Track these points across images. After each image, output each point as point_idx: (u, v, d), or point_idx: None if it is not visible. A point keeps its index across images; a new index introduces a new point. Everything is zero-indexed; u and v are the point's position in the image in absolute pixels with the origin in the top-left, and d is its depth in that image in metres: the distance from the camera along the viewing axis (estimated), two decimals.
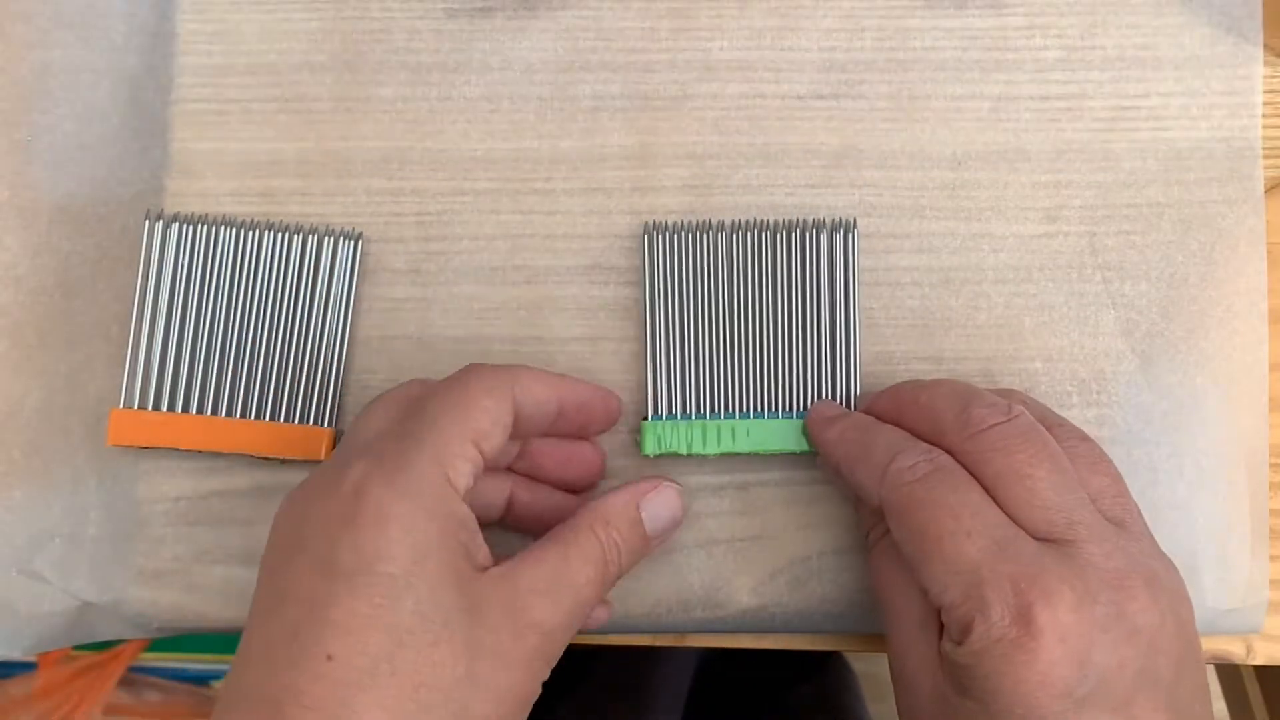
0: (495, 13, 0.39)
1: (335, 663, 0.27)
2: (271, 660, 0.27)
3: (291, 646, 0.27)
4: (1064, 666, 0.27)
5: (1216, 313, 0.37)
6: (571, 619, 0.30)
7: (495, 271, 0.38)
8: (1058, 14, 0.39)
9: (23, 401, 0.38)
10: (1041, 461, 0.30)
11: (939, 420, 0.32)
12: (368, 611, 0.27)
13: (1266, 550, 0.37)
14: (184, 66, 0.39)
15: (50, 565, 0.37)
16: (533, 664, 0.29)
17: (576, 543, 0.31)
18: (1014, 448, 0.30)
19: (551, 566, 0.30)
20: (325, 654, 0.27)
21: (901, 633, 0.32)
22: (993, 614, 0.27)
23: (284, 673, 0.27)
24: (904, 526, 0.30)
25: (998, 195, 0.38)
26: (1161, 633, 0.28)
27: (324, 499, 0.29)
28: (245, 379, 0.37)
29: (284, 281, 0.38)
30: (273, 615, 0.28)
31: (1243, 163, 0.38)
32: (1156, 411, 0.37)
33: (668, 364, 0.37)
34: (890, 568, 0.32)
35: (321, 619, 0.27)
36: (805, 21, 0.39)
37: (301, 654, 0.27)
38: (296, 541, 0.29)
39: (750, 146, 0.38)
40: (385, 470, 0.29)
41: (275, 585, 0.29)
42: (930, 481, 0.30)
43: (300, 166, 0.39)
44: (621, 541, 0.32)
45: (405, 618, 0.27)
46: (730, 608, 0.37)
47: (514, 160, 0.39)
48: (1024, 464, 0.30)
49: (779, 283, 0.37)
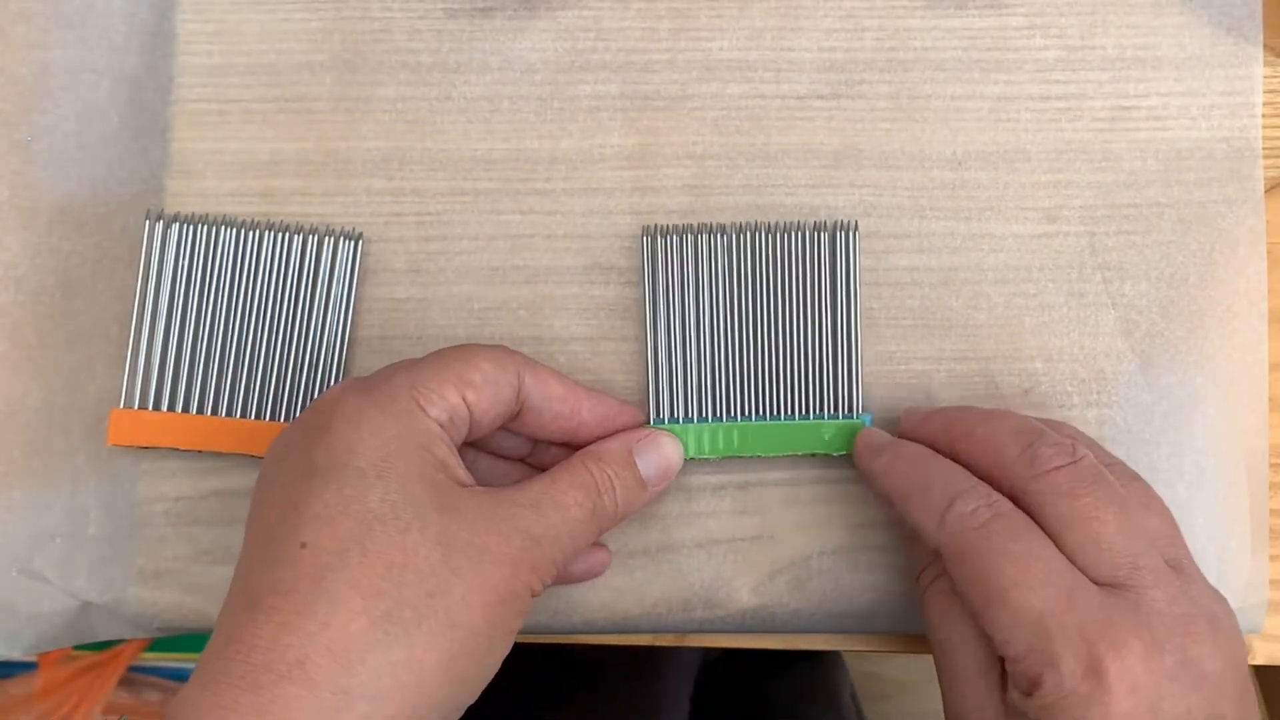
0: (495, 13, 0.39)
1: (308, 549, 0.28)
2: (253, 561, 0.29)
3: (270, 546, 0.28)
4: (1136, 718, 0.27)
5: (1216, 313, 0.37)
6: (560, 535, 0.30)
7: (495, 271, 0.38)
8: (1058, 14, 0.39)
9: (23, 401, 0.38)
10: (1108, 506, 0.29)
11: (1000, 456, 0.31)
12: (337, 501, 0.28)
13: (1266, 550, 0.37)
14: (184, 66, 0.39)
15: (50, 565, 0.37)
16: (518, 566, 0.29)
17: (567, 470, 0.32)
18: (1080, 491, 0.30)
19: (540, 487, 0.31)
20: (299, 543, 0.28)
21: (960, 679, 0.31)
22: (1063, 667, 0.27)
23: (263, 569, 0.28)
24: (967, 574, 0.30)
25: (998, 195, 0.38)
26: (1225, 676, 0.28)
27: (306, 415, 0.31)
28: (245, 379, 0.37)
29: (284, 282, 0.38)
30: (256, 524, 0.30)
31: (1243, 163, 0.38)
32: (1157, 411, 0.37)
33: (669, 368, 0.37)
34: (947, 611, 0.32)
35: (296, 514, 0.28)
36: (805, 21, 0.39)
37: (279, 548, 0.28)
38: (280, 456, 0.30)
39: (750, 146, 0.38)
40: (360, 385, 0.31)
41: (260, 499, 0.30)
42: (993, 528, 0.29)
43: (300, 166, 0.39)
44: (615, 477, 0.32)
45: (374, 505, 0.28)
46: (730, 608, 0.37)
47: (514, 160, 0.39)
48: (1090, 508, 0.29)
49: (780, 285, 0.37)
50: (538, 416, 0.33)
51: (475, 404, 0.31)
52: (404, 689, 0.27)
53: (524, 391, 0.33)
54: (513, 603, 0.29)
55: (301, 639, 0.26)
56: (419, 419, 0.30)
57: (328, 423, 0.30)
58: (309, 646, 0.26)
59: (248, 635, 0.27)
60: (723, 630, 0.38)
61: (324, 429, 0.30)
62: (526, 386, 0.33)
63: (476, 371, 0.31)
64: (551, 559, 0.30)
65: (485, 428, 0.32)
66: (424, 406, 0.30)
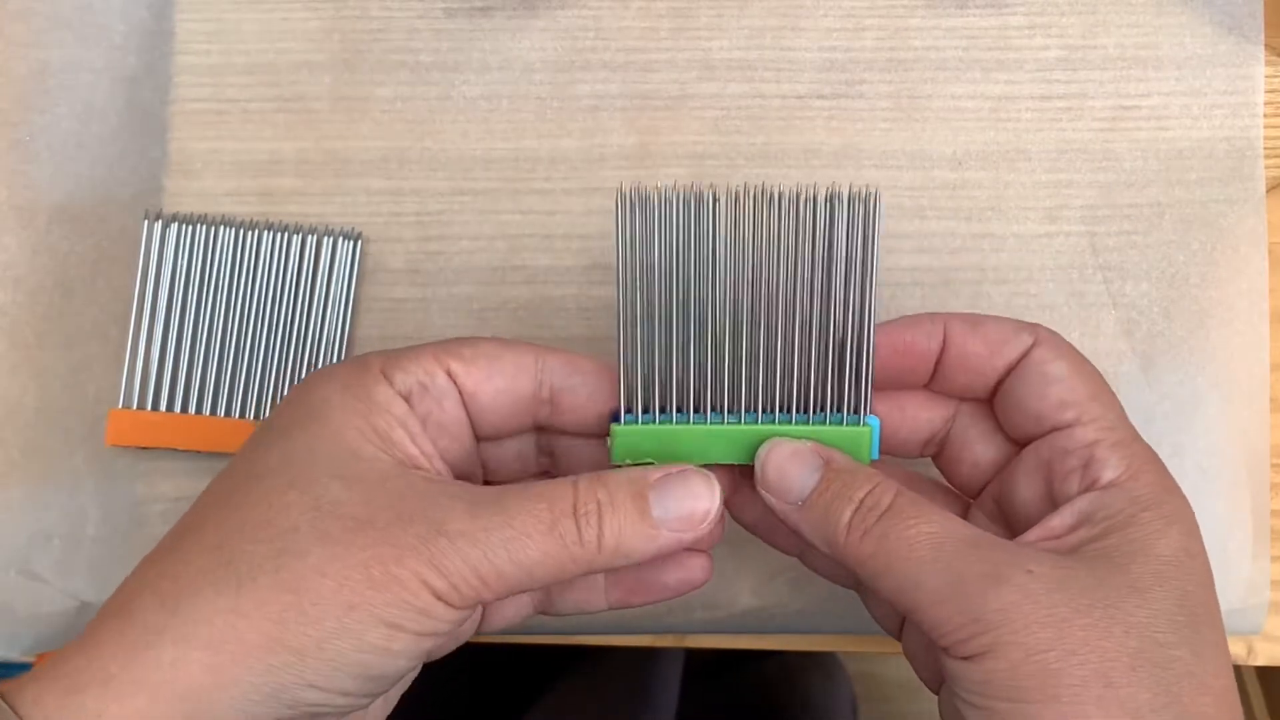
0: (495, 12, 0.39)
1: (197, 502, 0.27)
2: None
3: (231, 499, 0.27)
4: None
5: (1217, 313, 0.37)
6: (490, 541, 0.26)
7: (495, 271, 0.38)
8: (1059, 13, 0.39)
9: (21, 401, 0.38)
10: None
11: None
12: (240, 456, 0.28)
13: (1267, 550, 0.37)
14: (182, 66, 0.39)
15: (49, 565, 0.37)
16: (406, 552, 0.25)
17: (552, 480, 0.27)
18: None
19: (505, 488, 0.27)
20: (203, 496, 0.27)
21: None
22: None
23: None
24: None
25: (998, 195, 0.38)
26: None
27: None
28: (245, 379, 0.37)
29: (283, 282, 0.38)
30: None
31: (1244, 163, 0.38)
32: (1157, 412, 0.37)
33: (646, 355, 0.29)
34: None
35: (244, 466, 0.28)
36: (805, 21, 0.39)
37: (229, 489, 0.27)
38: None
39: (750, 146, 0.38)
40: (344, 362, 0.30)
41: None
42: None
43: (299, 166, 0.39)
44: (606, 504, 0.27)
45: (271, 461, 0.27)
46: (730, 608, 0.37)
47: (513, 160, 0.39)
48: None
49: (783, 261, 0.29)
50: (574, 396, 0.29)
51: (466, 376, 0.29)
52: (221, 640, 0.24)
53: (549, 370, 0.29)
54: (389, 590, 0.25)
55: (139, 580, 0.26)
56: (370, 387, 0.28)
57: (294, 394, 0.29)
58: (141, 586, 0.26)
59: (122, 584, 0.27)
60: (723, 631, 0.38)
61: (287, 400, 0.29)
62: (551, 365, 0.29)
63: (469, 347, 0.29)
64: (470, 563, 0.25)
65: (499, 411, 0.29)
66: (388, 375, 0.28)
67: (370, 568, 0.25)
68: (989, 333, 0.30)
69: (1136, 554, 0.26)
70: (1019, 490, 0.30)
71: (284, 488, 0.26)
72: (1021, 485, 0.30)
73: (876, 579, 0.27)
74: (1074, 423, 0.28)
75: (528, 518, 0.26)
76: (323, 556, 0.25)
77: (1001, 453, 0.31)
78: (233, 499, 0.27)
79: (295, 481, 0.26)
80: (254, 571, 0.25)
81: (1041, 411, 0.29)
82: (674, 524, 0.27)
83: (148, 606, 0.25)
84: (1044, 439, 0.29)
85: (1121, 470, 0.27)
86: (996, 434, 0.31)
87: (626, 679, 0.62)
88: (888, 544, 0.26)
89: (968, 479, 0.32)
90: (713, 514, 0.28)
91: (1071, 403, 0.29)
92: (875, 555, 0.27)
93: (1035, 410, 0.29)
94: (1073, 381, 0.29)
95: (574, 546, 0.26)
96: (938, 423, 0.32)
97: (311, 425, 0.27)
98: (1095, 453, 0.28)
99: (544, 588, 0.32)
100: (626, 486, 0.27)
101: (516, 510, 0.26)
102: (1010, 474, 0.30)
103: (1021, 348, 0.29)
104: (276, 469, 0.27)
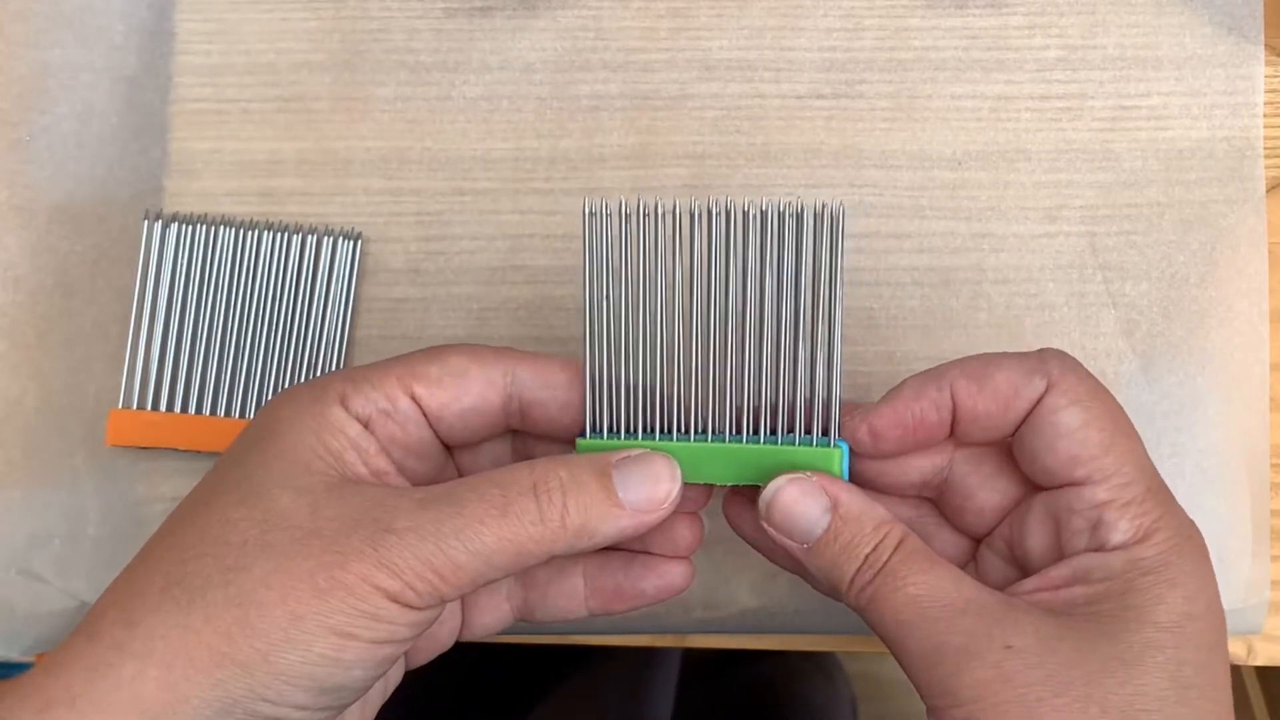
0: (494, 12, 0.39)
1: (164, 523, 0.28)
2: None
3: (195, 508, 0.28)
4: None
5: (1217, 313, 0.37)
6: (442, 532, 0.25)
7: (494, 271, 0.38)
8: (1058, 13, 0.39)
9: (21, 401, 0.38)
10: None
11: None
12: (204, 479, 0.28)
13: (1267, 550, 0.37)
14: (182, 66, 0.39)
15: (49, 565, 0.37)
16: (352, 557, 0.25)
17: (507, 467, 0.27)
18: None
19: (457, 481, 0.27)
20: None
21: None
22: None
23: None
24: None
25: (998, 195, 0.38)
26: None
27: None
28: (245, 379, 0.37)
29: (284, 281, 0.38)
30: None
31: (1244, 163, 0.38)
32: (1158, 412, 0.37)
33: (612, 372, 0.29)
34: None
35: (205, 485, 0.28)
36: (805, 21, 0.39)
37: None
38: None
39: (750, 146, 0.38)
40: (306, 383, 0.29)
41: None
42: None
43: (299, 166, 0.39)
44: (569, 481, 0.27)
45: (228, 479, 0.27)
46: (730, 608, 0.37)
47: (513, 160, 0.39)
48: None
49: (745, 278, 0.29)
50: (544, 410, 0.30)
51: (431, 399, 0.29)
52: (173, 656, 0.25)
53: (519, 384, 0.29)
54: (335, 597, 0.25)
55: (106, 599, 0.26)
56: (325, 410, 0.28)
57: (254, 416, 0.29)
58: (107, 605, 0.26)
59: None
60: (722, 630, 0.38)
61: (250, 421, 0.29)
62: (521, 378, 0.29)
63: (437, 365, 0.29)
64: (421, 557, 0.25)
65: (468, 427, 0.29)
66: (346, 399, 0.28)
67: (315, 576, 0.25)
68: (999, 387, 0.28)
69: (1130, 622, 0.26)
70: (1030, 536, 0.29)
71: (235, 504, 0.26)
72: (1032, 532, 0.29)
73: (873, 628, 0.28)
74: (1084, 481, 0.28)
75: (479, 503, 0.26)
76: (268, 569, 0.25)
77: (1007, 497, 0.30)
78: (192, 516, 0.27)
79: (245, 498, 0.26)
80: (205, 586, 0.25)
81: (1051, 467, 0.28)
82: (637, 504, 0.27)
83: (114, 623, 0.25)
84: (1056, 491, 0.28)
85: (1130, 534, 0.27)
86: (1000, 477, 0.30)
87: (625, 684, 0.62)
88: (878, 604, 0.27)
89: (973, 525, 0.31)
90: (673, 495, 0.28)
91: (1083, 459, 0.28)
92: (868, 611, 0.27)
93: (1045, 464, 0.28)
94: (1085, 433, 0.28)
95: (533, 526, 0.26)
96: (928, 470, 0.31)
97: (267, 444, 0.28)
98: (1104, 515, 0.27)
99: (508, 576, 0.29)
100: (588, 466, 0.27)
101: (467, 498, 0.26)
102: (1021, 518, 0.30)
103: (1033, 396, 0.28)
104: (231, 487, 0.27)
